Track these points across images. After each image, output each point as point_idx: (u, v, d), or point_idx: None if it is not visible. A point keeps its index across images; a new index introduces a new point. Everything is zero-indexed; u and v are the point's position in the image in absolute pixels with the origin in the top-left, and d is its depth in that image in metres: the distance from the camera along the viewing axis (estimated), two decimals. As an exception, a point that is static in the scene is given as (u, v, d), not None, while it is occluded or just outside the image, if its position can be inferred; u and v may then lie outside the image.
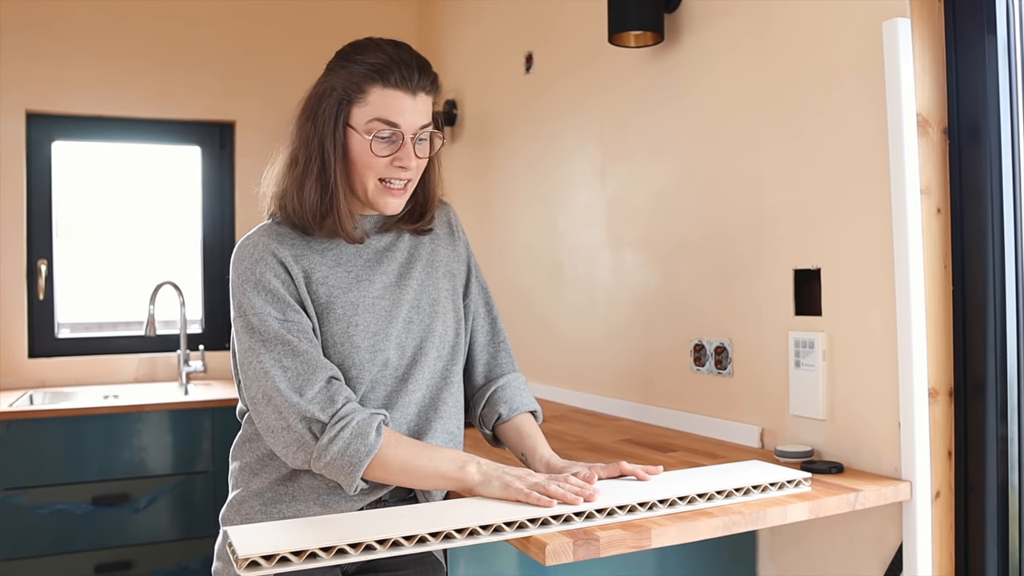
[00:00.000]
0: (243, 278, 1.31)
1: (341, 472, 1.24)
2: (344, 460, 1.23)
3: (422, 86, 1.30)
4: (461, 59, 3.35)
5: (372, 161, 1.30)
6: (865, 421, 1.55)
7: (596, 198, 2.40)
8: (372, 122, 1.29)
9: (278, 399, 1.25)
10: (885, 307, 1.50)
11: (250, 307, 1.29)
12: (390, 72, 1.28)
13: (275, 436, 1.26)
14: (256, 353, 1.28)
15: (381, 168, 1.31)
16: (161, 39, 3.42)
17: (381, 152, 1.30)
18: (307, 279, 1.33)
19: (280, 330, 1.28)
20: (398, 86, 1.28)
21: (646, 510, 1.23)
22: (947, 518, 1.49)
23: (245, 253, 1.33)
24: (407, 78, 1.28)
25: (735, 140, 1.87)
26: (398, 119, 1.29)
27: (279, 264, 1.31)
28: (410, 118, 1.29)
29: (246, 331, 1.29)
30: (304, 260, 1.33)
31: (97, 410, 2.77)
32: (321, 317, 1.33)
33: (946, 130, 1.51)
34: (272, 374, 1.26)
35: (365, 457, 1.23)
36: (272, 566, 1.02)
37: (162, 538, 2.85)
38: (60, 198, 3.35)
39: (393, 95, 1.28)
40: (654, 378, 2.15)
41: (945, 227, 1.50)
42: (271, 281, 1.30)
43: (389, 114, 1.28)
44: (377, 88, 1.28)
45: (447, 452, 1.28)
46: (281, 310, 1.29)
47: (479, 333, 1.51)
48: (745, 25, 1.84)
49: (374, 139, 1.29)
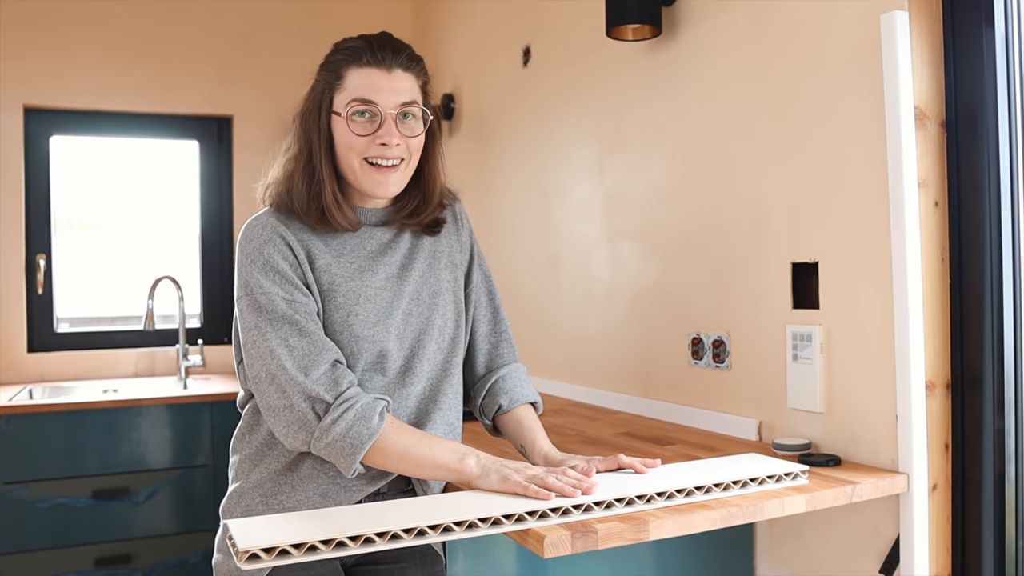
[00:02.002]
0: (251, 258, 1.32)
1: (341, 454, 1.24)
2: (346, 442, 1.23)
3: (398, 63, 1.33)
4: (459, 52, 3.35)
5: (353, 140, 1.33)
6: (862, 414, 1.56)
7: (594, 191, 2.40)
8: (350, 103, 1.32)
9: (282, 378, 1.26)
10: (883, 300, 1.51)
11: (257, 286, 1.30)
12: (363, 53, 1.33)
13: (276, 416, 1.27)
14: (262, 332, 1.28)
15: (363, 147, 1.33)
16: (159, 34, 3.41)
17: (360, 131, 1.32)
18: (311, 263, 1.34)
19: (287, 310, 1.29)
20: (371, 64, 1.32)
21: (644, 503, 1.24)
22: (944, 511, 1.49)
23: (253, 233, 1.34)
24: (380, 57, 1.32)
25: (733, 133, 1.87)
26: (374, 96, 1.32)
27: (286, 246, 1.33)
28: (387, 94, 1.32)
29: (252, 310, 1.30)
30: (308, 244, 1.35)
31: (97, 404, 2.78)
32: (323, 304, 1.34)
33: (944, 123, 1.51)
34: (278, 353, 1.27)
35: (367, 440, 1.23)
36: (272, 559, 1.03)
37: (162, 532, 2.86)
38: (58, 193, 3.35)
39: (367, 73, 1.32)
40: (652, 371, 2.15)
41: (943, 220, 1.51)
42: (279, 262, 1.31)
43: (364, 92, 1.32)
44: (353, 69, 1.33)
45: (447, 443, 1.29)
46: (288, 291, 1.30)
47: (481, 323, 1.52)
48: (743, 18, 1.83)
49: (352, 118, 1.32)
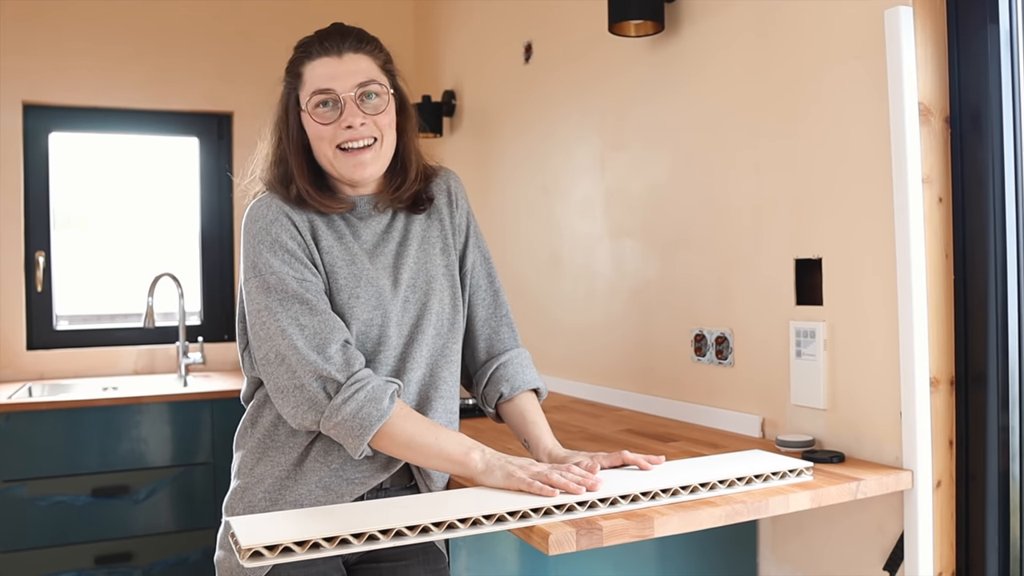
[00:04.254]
0: (258, 238, 1.32)
1: (350, 434, 1.24)
2: (355, 422, 1.24)
3: (347, 47, 1.35)
4: (460, 49, 3.34)
5: (320, 131, 1.35)
6: (866, 410, 1.55)
7: (595, 188, 2.40)
8: (311, 96, 1.34)
9: (293, 358, 1.26)
10: (886, 296, 1.50)
11: (266, 266, 1.30)
12: (313, 46, 1.36)
13: (285, 396, 1.27)
14: (272, 312, 1.28)
15: (331, 135, 1.34)
16: (158, 30, 3.40)
17: (324, 119, 1.34)
18: (316, 242, 1.35)
19: (298, 288, 1.29)
20: (321, 54, 1.35)
21: (649, 499, 1.23)
22: (948, 507, 1.49)
23: (259, 214, 1.35)
24: (329, 45, 1.35)
25: (736, 129, 1.86)
26: (329, 84, 1.34)
27: (292, 224, 1.34)
28: (341, 78, 1.34)
29: (262, 290, 1.30)
30: (312, 224, 1.36)
31: (96, 402, 2.77)
32: (327, 284, 1.34)
33: (948, 119, 1.50)
34: (289, 332, 1.27)
35: (376, 422, 1.24)
36: (275, 556, 1.02)
37: (162, 530, 2.85)
38: (57, 190, 3.34)
39: (319, 63, 1.35)
40: (655, 368, 2.15)
41: (947, 216, 1.50)
42: (287, 241, 1.32)
43: (320, 82, 1.34)
44: (308, 64, 1.36)
45: (454, 435, 1.29)
46: (298, 270, 1.31)
47: (480, 307, 1.50)
48: (746, 14, 1.83)
49: (314, 109, 1.34)
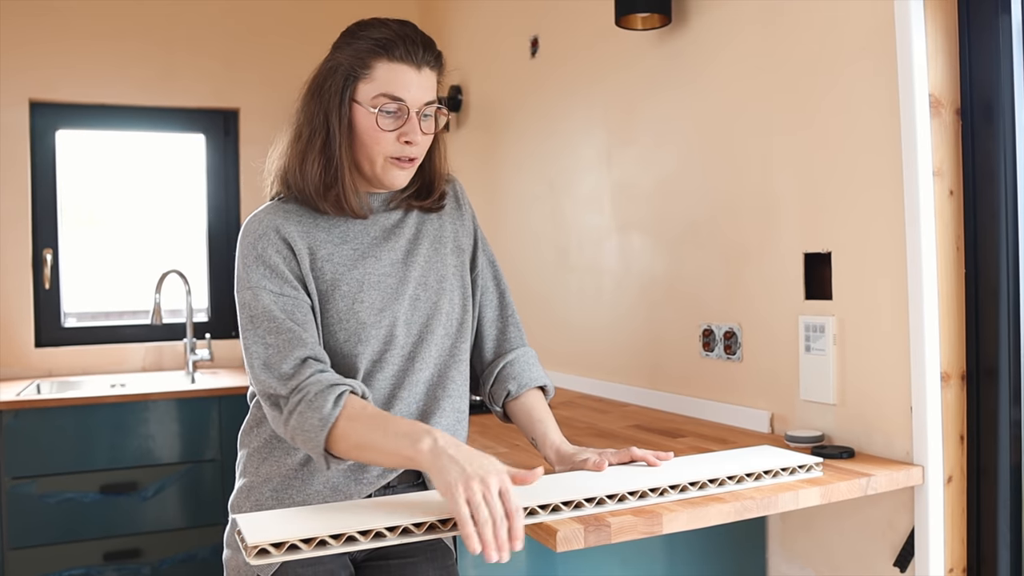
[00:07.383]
0: (244, 253, 1.32)
1: (304, 445, 1.22)
2: (303, 434, 1.20)
3: (427, 61, 1.31)
4: (466, 43, 3.33)
5: (379, 136, 1.30)
6: (876, 405, 1.54)
7: (602, 182, 2.38)
8: (378, 97, 1.29)
9: (253, 377, 1.27)
10: (897, 290, 1.49)
11: (247, 282, 1.30)
12: (395, 46, 1.28)
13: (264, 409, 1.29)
14: (245, 329, 1.29)
15: (388, 143, 1.31)
16: (164, 27, 3.40)
17: (387, 127, 1.30)
18: (312, 256, 1.33)
19: (271, 306, 1.28)
20: (403, 60, 1.29)
21: (657, 496, 1.22)
22: (959, 503, 1.48)
23: (250, 229, 1.34)
24: (412, 52, 1.29)
25: (744, 122, 1.85)
26: (403, 93, 1.29)
27: (282, 240, 1.32)
28: (415, 92, 1.30)
29: (241, 306, 1.31)
30: (309, 237, 1.33)
31: (104, 399, 2.78)
32: (327, 295, 1.33)
33: (959, 111, 1.49)
34: (252, 351, 1.27)
35: (319, 430, 1.18)
36: (281, 554, 1.02)
37: (170, 526, 2.86)
38: (65, 187, 3.34)
39: (398, 69, 1.29)
40: (663, 363, 2.14)
41: (958, 209, 1.49)
42: (272, 257, 1.30)
43: (395, 88, 1.29)
44: (383, 62, 1.29)
45: (403, 425, 1.16)
46: (277, 284, 1.29)
47: (487, 308, 1.50)
48: (754, 6, 1.81)
49: (380, 113, 1.29)
